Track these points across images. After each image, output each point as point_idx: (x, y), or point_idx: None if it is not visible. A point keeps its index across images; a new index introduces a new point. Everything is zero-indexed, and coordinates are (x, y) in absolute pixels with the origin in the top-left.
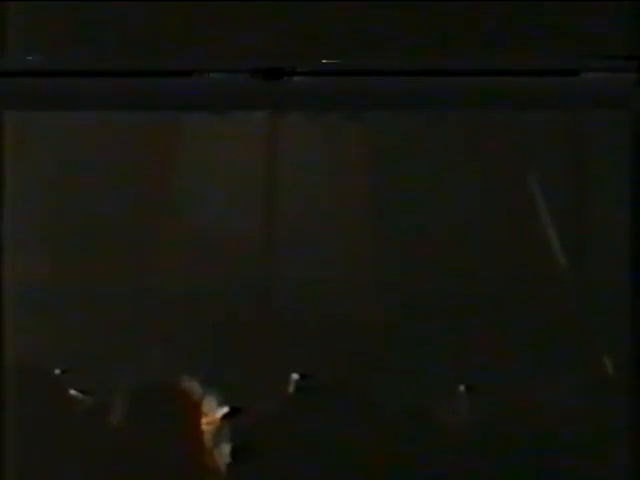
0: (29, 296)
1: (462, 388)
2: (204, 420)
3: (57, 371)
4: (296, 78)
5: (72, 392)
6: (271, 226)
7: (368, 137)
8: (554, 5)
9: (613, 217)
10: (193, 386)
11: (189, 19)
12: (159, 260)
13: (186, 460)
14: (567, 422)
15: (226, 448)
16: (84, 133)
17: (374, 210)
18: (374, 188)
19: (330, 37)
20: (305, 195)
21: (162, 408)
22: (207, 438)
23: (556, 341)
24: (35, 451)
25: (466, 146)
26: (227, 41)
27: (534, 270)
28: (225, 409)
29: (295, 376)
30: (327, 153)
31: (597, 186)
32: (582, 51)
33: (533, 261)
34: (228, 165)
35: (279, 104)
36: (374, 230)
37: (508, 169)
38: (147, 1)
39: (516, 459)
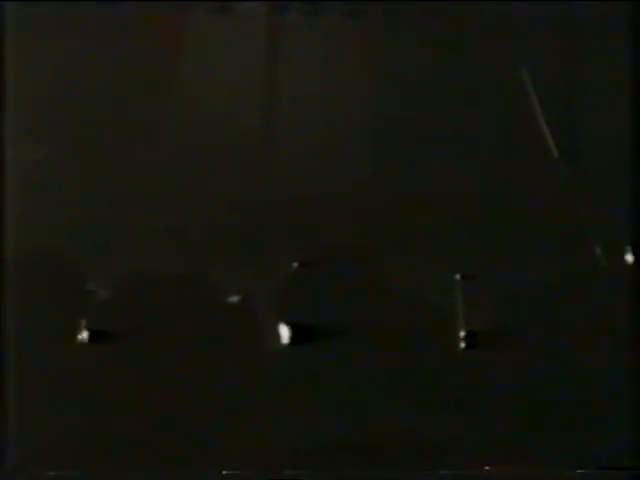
0: (33, 184)
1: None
2: None
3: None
4: None
5: None
6: (271, 117)
7: (367, 34)
8: None
9: (610, 112)
10: None
11: None
12: (163, 147)
13: None
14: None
15: None
16: (86, 25)
17: (374, 103)
18: (375, 85)
19: None
20: (305, 90)
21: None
22: None
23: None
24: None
25: (463, 38)
26: None
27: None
28: None
29: (295, 264)
30: (327, 50)
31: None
32: None
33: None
34: (230, 59)
35: None
36: (375, 124)
37: (504, 59)
38: None
39: None
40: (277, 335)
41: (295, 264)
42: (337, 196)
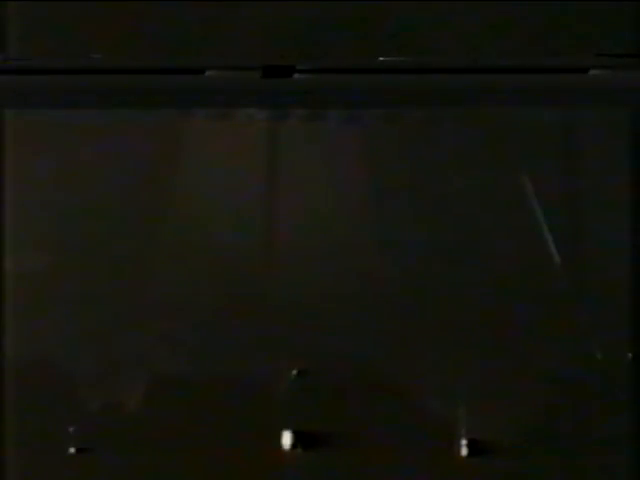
0: (29, 295)
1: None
2: None
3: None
4: (296, 76)
5: None
6: (270, 235)
7: (369, 140)
8: (560, 3)
9: (611, 220)
10: None
11: (190, 17)
12: (162, 257)
13: None
14: None
15: None
16: (83, 133)
17: (375, 215)
18: (375, 192)
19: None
20: (305, 201)
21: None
22: None
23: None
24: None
25: (466, 146)
26: (228, 39)
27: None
28: None
29: (294, 372)
30: (328, 157)
31: (594, 187)
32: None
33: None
34: (228, 169)
35: (279, 102)
36: (376, 238)
37: (506, 169)
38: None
39: None
40: (279, 442)
41: (294, 372)
42: (337, 306)
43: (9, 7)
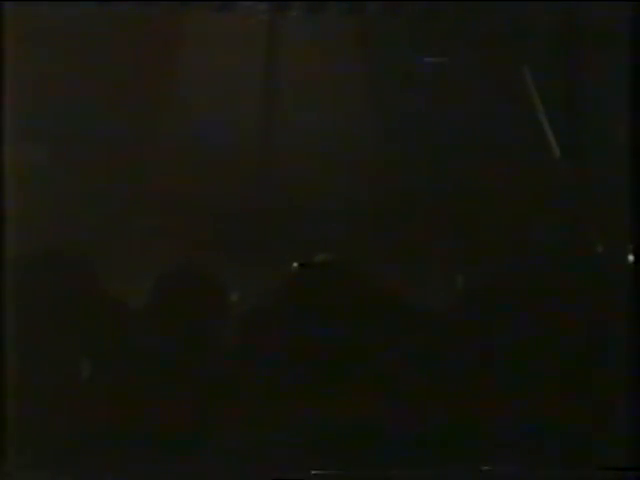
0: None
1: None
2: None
3: None
4: None
5: None
6: (270, 120)
7: (366, 32)
8: None
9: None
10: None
11: None
12: (162, 146)
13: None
14: None
15: None
16: (84, 24)
17: (373, 102)
18: (371, 81)
19: None
20: (303, 89)
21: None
22: None
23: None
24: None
25: (464, 37)
26: None
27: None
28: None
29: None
30: (326, 48)
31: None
32: None
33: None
34: (229, 60)
35: None
36: (373, 122)
37: (505, 58)
38: None
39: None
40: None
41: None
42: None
43: None
